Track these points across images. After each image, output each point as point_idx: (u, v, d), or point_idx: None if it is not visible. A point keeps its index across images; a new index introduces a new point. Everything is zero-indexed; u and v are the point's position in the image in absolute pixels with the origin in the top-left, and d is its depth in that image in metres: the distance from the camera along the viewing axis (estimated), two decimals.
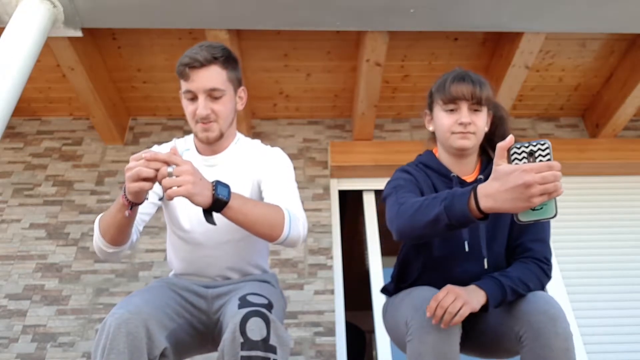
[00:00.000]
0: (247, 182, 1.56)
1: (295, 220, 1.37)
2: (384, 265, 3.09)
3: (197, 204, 1.19)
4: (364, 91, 3.13)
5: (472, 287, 1.37)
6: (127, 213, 1.28)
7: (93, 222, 3.09)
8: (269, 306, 1.30)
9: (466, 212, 1.16)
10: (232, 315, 1.23)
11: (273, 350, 1.18)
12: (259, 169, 1.57)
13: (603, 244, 3.17)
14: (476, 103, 1.51)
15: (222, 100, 1.49)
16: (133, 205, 1.28)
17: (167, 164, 1.18)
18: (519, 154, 1.11)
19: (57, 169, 3.34)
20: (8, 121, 2.20)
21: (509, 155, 1.12)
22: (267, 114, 3.56)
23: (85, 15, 2.59)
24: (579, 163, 3.32)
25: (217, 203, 1.21)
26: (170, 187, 1.15)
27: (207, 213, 1.23)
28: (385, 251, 3.16)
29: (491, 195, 1.11)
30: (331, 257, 2.99)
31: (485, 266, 1.50)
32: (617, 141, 3.42)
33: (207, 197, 1.19)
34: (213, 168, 1.56)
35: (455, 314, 1.27)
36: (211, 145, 1.55)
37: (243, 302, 1.28)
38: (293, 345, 2.68)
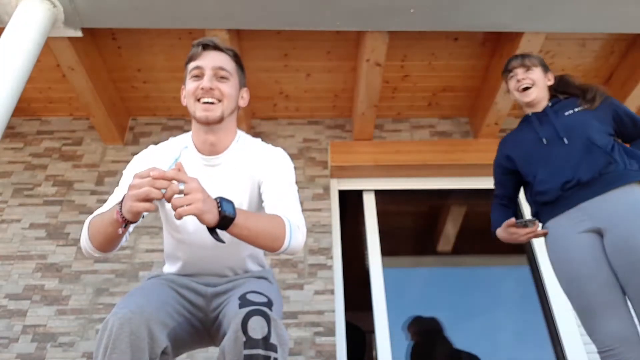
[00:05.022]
0: (248, 183, 1.55)
1: (296, 230, 1.37)
2: (384, 265, 3.09)
3: (205, 223, 1.18)
4: (364, 91, 3.13)
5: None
6: (120, 231, 1.27)
7: None
8: (269, 304, 1.30)
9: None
10: (233, 315, 1.24)
11: (274, 348, 1.18)
12: (261, 170, 1.54)
13: None
14: (525, 66, 2.03)
15: (228, 83, 1.51)
16: (128, 223, 1.25)
17: (176, 180, 1.17)
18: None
19: (57, 169, 3.34)
20: (8, 121, 2.20)
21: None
22: (267, 114, 3.56)
23: (85, 15, 2.59)
24: None
25: (224, 220, 1.20)
26: (181, 206, 1.13)
27: (213, 231, 1.22)
28: (385, 251, 3.16)
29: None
30: (331, 257, 2.99)
31: (566, 142, 1.86)
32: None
33: (215, 215, 1.18)
34: (215, 168, 1.54)
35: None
36: (210, 125, 1.50)
37: (244, 302, 1.28)
38: (291, 344, 2.68)
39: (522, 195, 2.09)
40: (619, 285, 1.67)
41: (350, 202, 3.41)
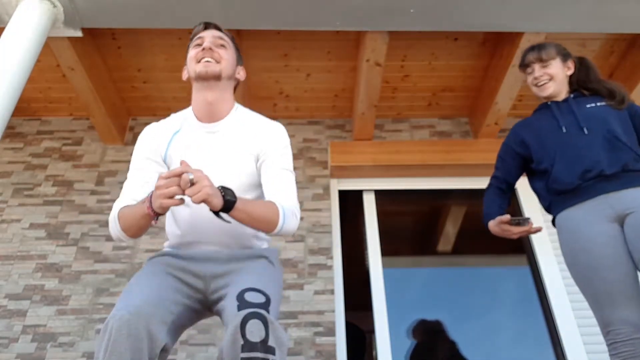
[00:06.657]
0: (246, 153, 1.61)
1: (290, 216, 1.49)
2: (384, 265, 3.09)
3: (212, 206, 1.32)
4: (364, 91, 3.13)
5: None
6: (154, 222, 1.43)
7: (93, 222, 3.09)
8: (267, 304, 1.32)
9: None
10: (231, 318, 1.26)
11: (272, 351, 1.21)
12: (260, 144, 1.62)
13: None
14: (542, 60, 2.00)
15: (227, 50, 1.67)
16: (158, 216, 1.40)
17: (185, 172, 1.32)
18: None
19: (57, 169, 3.34)
20: (8, 121, 2.20)
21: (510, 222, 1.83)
22: (267, 114, 3.46)
23: (85, 15, 2.59)
24: None
25: (227, 204, 1.34)
26: (193, 194, 1.28)
27: (218, 214, 1.36)
28: (385, 251, 3.16)
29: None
30: (331, 257, 2.99)
31: (586, 132, 1.84)
32: None
33: (220, 199, 1.32)
34: (214, 135, 1.62)
35: None
36: (208, 81, 1.60)
37: (242, 303, 1.30)
38: (291, 344, 2.68)
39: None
40: (637, 279, 1.65)
41: (350, 202, 3.41)
